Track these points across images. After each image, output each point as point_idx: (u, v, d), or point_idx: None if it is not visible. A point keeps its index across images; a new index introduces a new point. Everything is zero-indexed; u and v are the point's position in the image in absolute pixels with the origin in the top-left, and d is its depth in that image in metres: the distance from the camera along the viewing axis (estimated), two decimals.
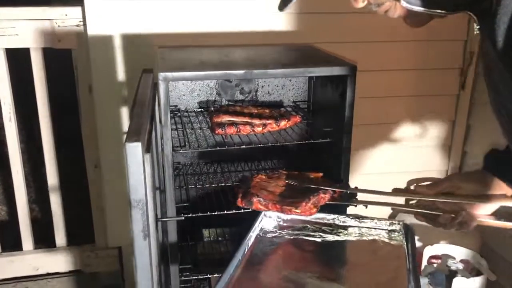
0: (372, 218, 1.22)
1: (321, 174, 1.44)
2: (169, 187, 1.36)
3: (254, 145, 1.49)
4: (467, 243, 1.89)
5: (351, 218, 1.22)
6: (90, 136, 1.94)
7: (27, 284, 2.10)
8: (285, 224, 1.22)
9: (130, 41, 1.80)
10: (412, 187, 1.22)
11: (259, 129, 1.48)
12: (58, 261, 2.09)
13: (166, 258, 1.43)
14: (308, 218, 1.22)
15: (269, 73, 1.35)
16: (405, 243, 1.13)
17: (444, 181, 1.15)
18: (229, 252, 1.67)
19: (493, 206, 1.10)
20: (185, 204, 1.49)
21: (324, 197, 1.20)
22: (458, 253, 1.78)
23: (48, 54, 1.90)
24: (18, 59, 1.97)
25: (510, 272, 1.90)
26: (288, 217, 1.24)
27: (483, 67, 0.93)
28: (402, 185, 2.23)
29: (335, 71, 1.38)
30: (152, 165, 0.96)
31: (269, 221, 1.25)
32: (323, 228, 1.19)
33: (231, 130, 1.46)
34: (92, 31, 1.76)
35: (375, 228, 1.19)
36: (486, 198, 1.09)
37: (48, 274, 2.10)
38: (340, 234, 1.17)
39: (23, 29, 1.79)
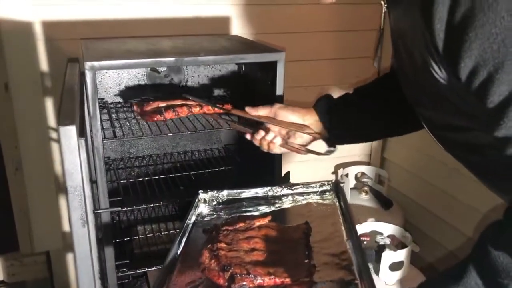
0: (304, 184, 1.25)
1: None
2: (101, 180, 1.31)
3: (182, 132, 1.49)
4: (392, 221, 2.01)
5: (283, 187, 1.25)
6: (10, 137, 1.82)
7: None
8: (220, 206, 1.20)
9: (49, 31, 1.71)
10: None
11: (196, 109, 1.45)
12: None
13: (102, 255, 1.38)
14: (243, 195, 1.23)
15: (200, 60, 1.34)
16: (337, 201, 1.18)
17: (267, 106, 1.26)
18: (166, 245, 1.65)
19: (304, 138, 1.22)
20: (118, 198, 1.45)
21: None
22: (385, 229, 1.88)
23: None
24: None
25: (428, 243, 2.09)
26: (225, 198, 1.23)
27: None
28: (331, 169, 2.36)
29: (265, 57, 1.41)
30: (87, 152, 0.93)
31: (204, 206, 1.22)
32: (259, 202, 1.20)
33: (169, 115, 1.42)
34: (6, 23, 1.65)
35: (307, 193, 1.23)
36: (293, 126, 1.20)
37: None
38: (275, 204, 1.19)
39: None
